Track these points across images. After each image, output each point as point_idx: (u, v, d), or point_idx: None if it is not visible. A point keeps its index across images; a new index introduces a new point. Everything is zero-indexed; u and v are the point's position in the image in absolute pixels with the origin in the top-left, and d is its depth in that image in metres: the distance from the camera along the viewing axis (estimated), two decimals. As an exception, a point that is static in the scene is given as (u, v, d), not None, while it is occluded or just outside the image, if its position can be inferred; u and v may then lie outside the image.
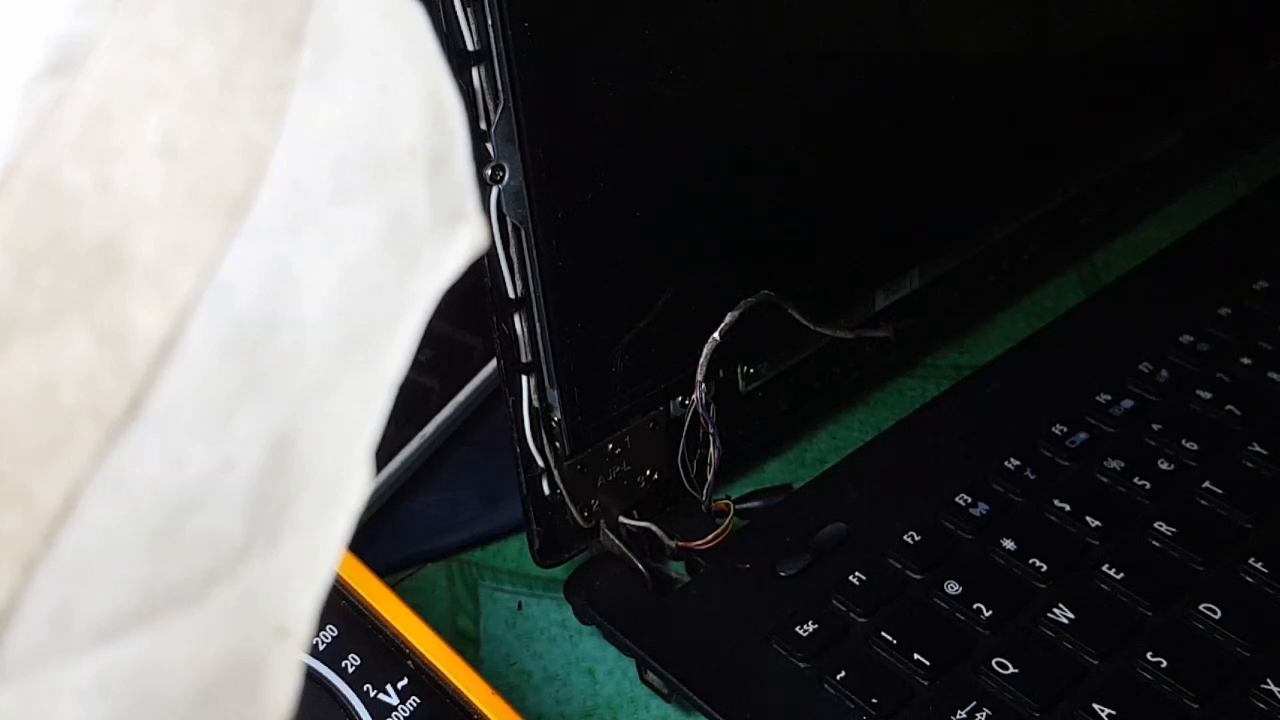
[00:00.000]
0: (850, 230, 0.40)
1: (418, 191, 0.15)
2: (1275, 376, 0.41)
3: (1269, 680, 0.31)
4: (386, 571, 0.38)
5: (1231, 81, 0.52)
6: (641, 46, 0.32)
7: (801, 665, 0.33)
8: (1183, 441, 0.38)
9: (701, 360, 0.36)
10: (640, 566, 0.35)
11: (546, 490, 0.35)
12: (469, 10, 0.29)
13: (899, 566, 0.35)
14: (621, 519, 0.36)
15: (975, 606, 0.34)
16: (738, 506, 0.38)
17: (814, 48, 0.36)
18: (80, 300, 0.15)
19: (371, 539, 0.39)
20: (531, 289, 0.32)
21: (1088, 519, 0.36)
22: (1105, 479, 0.37)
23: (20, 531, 0.14)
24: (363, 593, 0.30)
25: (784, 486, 0.39)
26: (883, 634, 0.33)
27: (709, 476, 0.37)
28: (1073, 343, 0.44)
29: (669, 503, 0.38)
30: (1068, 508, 0.36)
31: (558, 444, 0.34)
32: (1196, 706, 0.31)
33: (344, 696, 0.28)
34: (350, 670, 0.29)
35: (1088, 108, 0.46)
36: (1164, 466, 0.37)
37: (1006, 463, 0.38)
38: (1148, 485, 0.37)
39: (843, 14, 0.36)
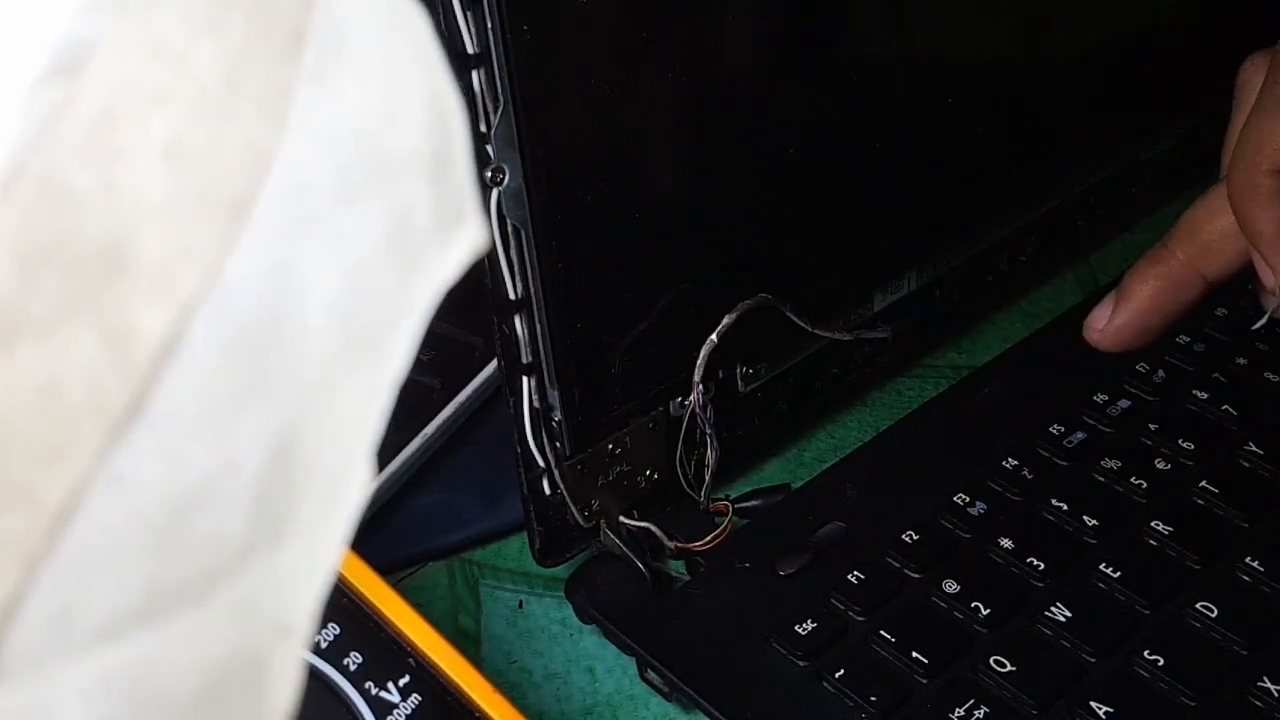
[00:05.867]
0: (848, 232, 0.40)
1: (420, 193, 0.15)
2: (1271, 377, 0.41)
3: (1265, 678, 0.31)
4: (388, 570, 0.38)
5: (1229, 82, 0.52)
6: (640, 49, 0.32)
7: (801, 664, 0.33)
8: (1179, 441, 0.38)
9: (699, 361, 0.36)
10: (640, 566, 0.35)
11: (547, 490, 0.35)
12: (469, 13, 0.29)
13: (898, 565, 0.35)
14: (621, 519, 0.36)
15: (973, 605, 0.34)
16: (737, 506, 0.38)
17: (811, 50, 0.36)
18: (84, 302, 0.15)
19: (373, 538, 0.39)
20: (532, 290, 0.32)
21: (1085, 518, 0.36)
22: (1102, 478, 0.37)
23: (23, 531, 0.14)
24: (364, 591, 0.30)
25: (783, 486, 0.39)
26: (881, 632, 0.33)
27: (707, 477, 0.37)
28: (1070, 343, 0.44)
29: (669, 503, 0.38)
30: (1065, 507, 0.36)
31: (558, 444, 0.34)
32: (1194, 704, 0.31)
33: (346, 694, 0.28)
34: (352, 668, 0.29)
35: (1085, 109, 0.46)
36: (1161, 466, 0.38)
37: (1004, 462, 0.38)
38: (1145, 484, 0.37)
39: (840, 16, 0.36)
